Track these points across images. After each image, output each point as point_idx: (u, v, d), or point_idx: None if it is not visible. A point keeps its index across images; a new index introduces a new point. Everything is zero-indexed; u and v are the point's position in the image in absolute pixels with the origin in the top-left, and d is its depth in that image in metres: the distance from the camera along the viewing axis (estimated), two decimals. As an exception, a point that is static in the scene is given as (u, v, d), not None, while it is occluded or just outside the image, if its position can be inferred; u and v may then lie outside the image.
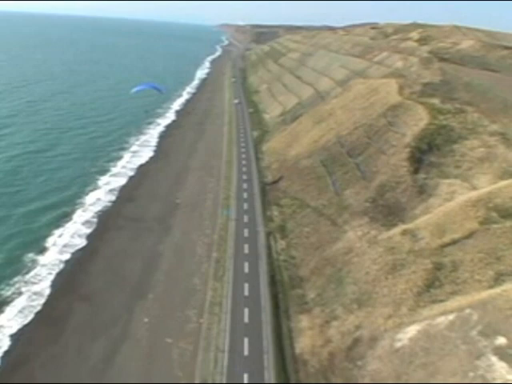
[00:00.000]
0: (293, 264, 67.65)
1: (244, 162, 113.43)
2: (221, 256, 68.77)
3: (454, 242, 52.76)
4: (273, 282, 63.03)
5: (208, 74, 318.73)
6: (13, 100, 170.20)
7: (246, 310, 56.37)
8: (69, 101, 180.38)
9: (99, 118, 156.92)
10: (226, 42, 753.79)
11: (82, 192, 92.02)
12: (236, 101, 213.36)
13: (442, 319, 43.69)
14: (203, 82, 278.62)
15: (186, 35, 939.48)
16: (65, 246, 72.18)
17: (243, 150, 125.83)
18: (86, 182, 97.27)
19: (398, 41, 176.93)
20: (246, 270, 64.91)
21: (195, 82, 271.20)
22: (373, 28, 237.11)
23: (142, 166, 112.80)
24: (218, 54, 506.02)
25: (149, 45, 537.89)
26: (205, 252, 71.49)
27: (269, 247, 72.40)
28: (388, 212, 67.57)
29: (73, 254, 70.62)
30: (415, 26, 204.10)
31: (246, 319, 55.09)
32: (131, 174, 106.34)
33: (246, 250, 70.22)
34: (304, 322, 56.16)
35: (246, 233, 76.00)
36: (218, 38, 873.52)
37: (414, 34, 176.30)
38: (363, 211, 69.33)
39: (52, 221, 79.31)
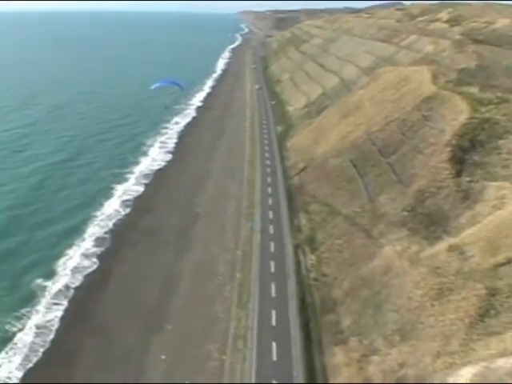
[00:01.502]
0: (324, 283, 60.91)
1: (268, 162, 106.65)
2: (245, 277, 62.36)
3: (509, 262, 45.45)
4: (303, 306, 56.49)
5: (228, 64, 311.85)
6: (32, 108, 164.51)
7: (274, 345, 49.97)
8: (92, 103, 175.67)
9: (120, 120, 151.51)
10: (246, 30, 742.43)
11: (96, 204, 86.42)
12: (257, 86, 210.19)
13: (502, 362, 36.55)
14: (224, 73, 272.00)
15: (204, 25, 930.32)
16: (76, 268, 66.58)
17: (267, 147, 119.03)
18: (102, 192, 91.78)
19: (426, 22, 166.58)
20: (273, 292, 58.44)
21: (215, 74, 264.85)
22: (398, 9, 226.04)
23: (159, 170, 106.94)
24: (237, 42, 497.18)
25: (167, 38, 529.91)
26: (228, 271, 65.24)
27: (297, 263, 65.79)
28: (429, 222, 60.06)
29: (84, 277, 65.04)
30: (443, 5, 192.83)
31: (274, 356, 48.73)
32: (148, 180, 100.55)
33: (273, 269, 63.68)
34: (339, 355, 49.60)
35: (272, 247, 69.45)
36: (237, 25, 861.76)
37: (443, 15, 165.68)
38: (401, 221, 61.98)
39: (62, 238, 73.87)
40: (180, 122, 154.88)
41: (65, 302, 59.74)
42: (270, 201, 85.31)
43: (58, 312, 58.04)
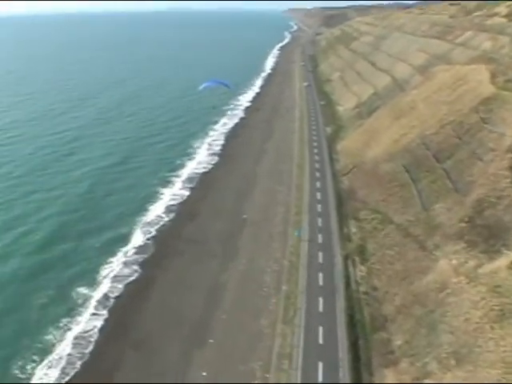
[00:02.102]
0: (375, 298, 57.91)
1: (317, 166, 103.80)
2: (291, 290, 60.02)
3: None
4: (352, 323, 53.75)
5: (277, 63, 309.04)
6: (81, 110, 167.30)
7: (320, 365, 47.53)
8: (140, 104, 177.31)
9: (168, 122, 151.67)
10: (295, 28, 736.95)
11: (142, 210, 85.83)
12: (305, 83, 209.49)
13: None
14: (272, 72, 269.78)
15: (252, 23, 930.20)
16: (118, 277, 65.75)
17: (316, 150, 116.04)
18: (148, 198, 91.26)
19: (483, 17, 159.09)
20: (321, 307, 55.89)
21: (264, 73, 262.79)
22: (452, 4, 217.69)
23: (206, 174, 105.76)
24: (286, 40, 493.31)
25: (214, 37, 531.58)
26: (274, 283, 63.06)
27: (347, 275, 62.94)
28: (488, 234, 56.03)
29: (126, 286, 64.06)
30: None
31: (320, 377, 46.28)
32: (194, 184, 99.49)
33: (321, 281, 61.07)
34: (390, 378, 46.71)
35: (320, 257, 66.77)
36: (286, 23, 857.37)
37: (502, 9, 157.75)
38: (458, 233, 58.15)
39: (107, 245, 73.38)
40: (228, 123, 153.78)
41: (105, 312, 58.91)
42: (318, 207, 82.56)
43: (98, 322, 57.19)
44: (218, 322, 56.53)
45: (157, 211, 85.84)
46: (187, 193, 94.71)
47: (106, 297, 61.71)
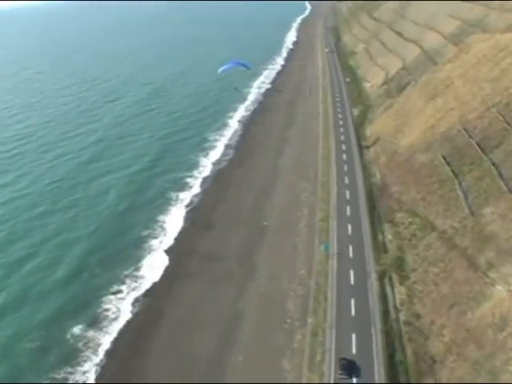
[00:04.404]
0: (419, 330, 48.61)
1: (344, 157, 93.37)
2: (319, 323, 50.88)
3: None
4: (392, 366, 44.67)
5: (298, 37, 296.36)
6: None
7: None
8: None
9: (186, 110, 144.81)
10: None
11: (151, 220, 77.90)
12: (327, 49, 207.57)
13: None
14: (294, 47, 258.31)
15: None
16: (120, 309, 57.87)
17: (342, 137, 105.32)
18: (159, 204, 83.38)
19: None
20: (354, 348, 46.64)
21: (285, 49, 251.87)
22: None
23: (222, 172, 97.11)
24: (307, 12, 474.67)
25: (231, 10, 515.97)
26: (298, 311, 54.33)
27: (384, 299, 53.63)
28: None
29: (129, 321, 56.18)
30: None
31: None
32: (209, 185, 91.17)
33: (353, 311, 51.68)
34: None
35: (351, 277, 57.01)
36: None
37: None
38: (517, 249, 48.30)
39: (114, 269, 65.47)
40: (247, 106, 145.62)
41: (103, 356, 51.48)
42: (347, 210, 72.62)
43: (93, 369, 49.81)
44: (233, 365, 48.28)
45: (169, 221, 78.24)
46: (201, 195, 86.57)
47: (105, 335, 54.21)
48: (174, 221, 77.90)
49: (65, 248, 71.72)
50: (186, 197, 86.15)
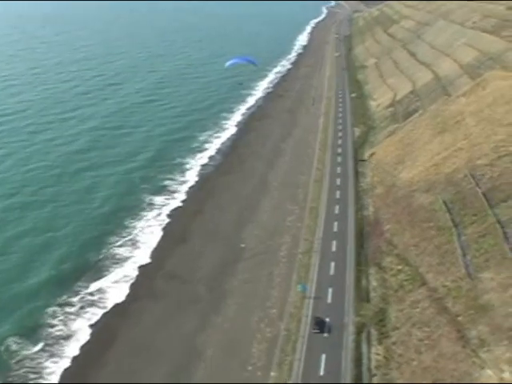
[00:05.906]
0: (394, 406, 43.03)
1: (338, 182, 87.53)
2: (282, 379, 45.08)
3: None
4: None
5: (309, 41, 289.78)
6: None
7: None
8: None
9: (189, 106, 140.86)
10: (333, 3, 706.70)
11: (123, 228, 72.29)
12: (337, 54, 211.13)
13: None
14: (303, 51, 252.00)
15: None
16: (69, 337, 51.78)
17: (339, 158, 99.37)
18: (138, 210, 78.56)
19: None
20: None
21: (293, 53, 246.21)
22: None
23: (207, 179, 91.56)
24: (322, 16, 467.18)
25: (245, 9, 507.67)
26: (262, 359, 48.39)
27: (359, 357, 47.98)
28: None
29: (75, 357, 49.84)
30: None
31: None
32: (193, 192, 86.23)
33: (322, 369, 45.82)
34: None
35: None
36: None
37: None
38: (515, 328, 42.69)
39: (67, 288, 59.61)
40: (245, 110, 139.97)
41: None
42: (333, 244, 66.95)
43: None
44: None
45: (141, 231, 72.91)
46: (181, 204, 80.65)
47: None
48: (148, 232, 72.47)
49: (31, 252, 66.85)
50: (166, 204, 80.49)
